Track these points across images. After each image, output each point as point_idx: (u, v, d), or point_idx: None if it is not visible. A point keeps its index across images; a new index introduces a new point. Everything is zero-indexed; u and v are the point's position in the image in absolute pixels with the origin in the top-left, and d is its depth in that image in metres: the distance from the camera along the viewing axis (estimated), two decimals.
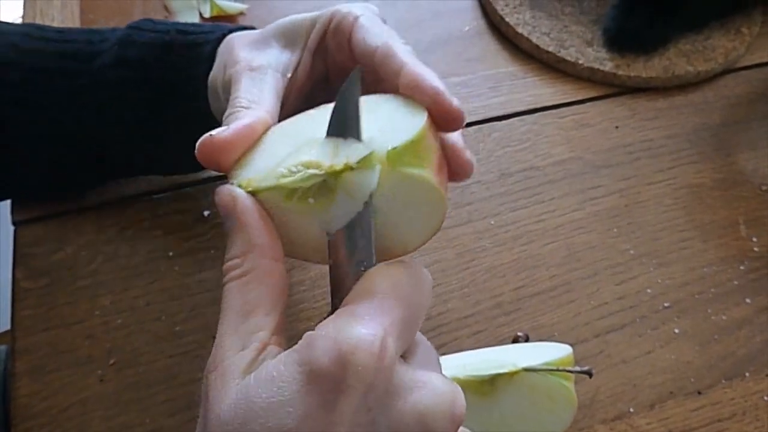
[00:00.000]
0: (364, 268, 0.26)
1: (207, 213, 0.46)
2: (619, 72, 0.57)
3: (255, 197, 0.27)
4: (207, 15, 0.58)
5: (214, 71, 0.37)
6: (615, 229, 0.48)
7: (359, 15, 0.33)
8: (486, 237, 0.47)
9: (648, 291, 0.46)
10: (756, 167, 0.53)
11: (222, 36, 0.38)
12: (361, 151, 0.26)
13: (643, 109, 0.56)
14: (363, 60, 0.32)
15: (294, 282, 0.44)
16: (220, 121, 0.30)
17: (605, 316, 0.44)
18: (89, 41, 0.40)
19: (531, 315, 0.44)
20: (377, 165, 0.26)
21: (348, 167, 0.26)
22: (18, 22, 0.58)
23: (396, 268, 0.26)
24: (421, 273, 0.27)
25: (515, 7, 0.61)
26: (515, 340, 0.42)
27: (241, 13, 0.59)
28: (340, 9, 0.34)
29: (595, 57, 0.58)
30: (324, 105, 0.29)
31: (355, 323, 0.23)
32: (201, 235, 0.45)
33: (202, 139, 0.28)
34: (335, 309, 0.26)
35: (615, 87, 0.57)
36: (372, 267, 0.26)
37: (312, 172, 0.26)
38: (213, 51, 0.37)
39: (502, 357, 0.38)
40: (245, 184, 0.27)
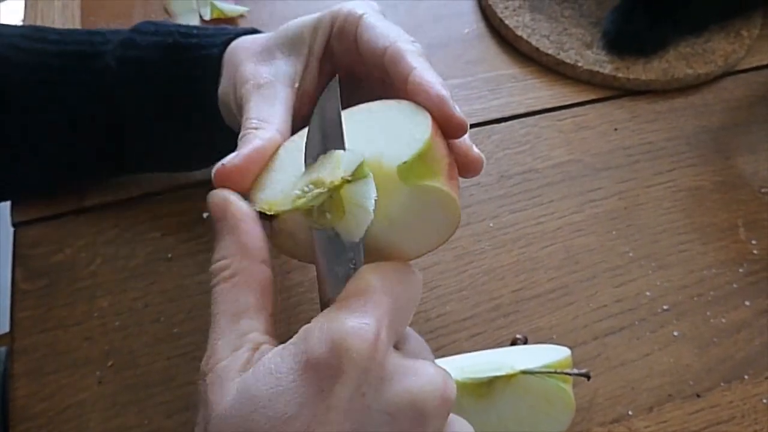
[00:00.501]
0: (353, 266, 0.27)
1: (206, 215, 0.46)
2: (619, 74, 0.57)
3: (279, 218, 0.28)
4: (207, 17, 0.58)
5: (224, 86, 0.37)
6: (614, 232, 0.48)
7: (362, 14, 0.33)
8: (485, 239, 0.47)
9: (647, 294, 0.46)
10: (755, 170, 0.53)
11: (226, 41, 0.38)
12: (353, 162, 0.26)
13: (643, 112, 0.56)
14: (372, 60, 0.32)
15: (293, 284, 0.44)
16: (237, 134, 0.31)
17: (604, 318, 0.44)
18: (91, 42, 0.41)
19: (529, 317, 0.44)
20: (369, 173, 0.26)
21: (345, 181, 0.26)
22: (19, 23, 0.59)
23: (385, 265, 0.27)
24: (409, 269, 0.28)
25: (515, 10, 0.61)
26: (513, 342, 0.42)
27: (242, 16, 0.59)
28: (341, 10, 0.34)
29: (595, 59, 0.58)
30: None
31: (349, 315, 0.24)
32: (200, 237, 0.45)
33: (215, 169, 0.29)
34: (326, 307, 0.26)
35: (614, 89, 0.57)
36: (362, 265, 0.27)
37: (318, 191, 0.27)
38: (219, 56, 0.37)
39: (500, 359, 0.38)
40: (267, 208, 0.28)
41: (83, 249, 0.44)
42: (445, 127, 0.28)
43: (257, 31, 0.40)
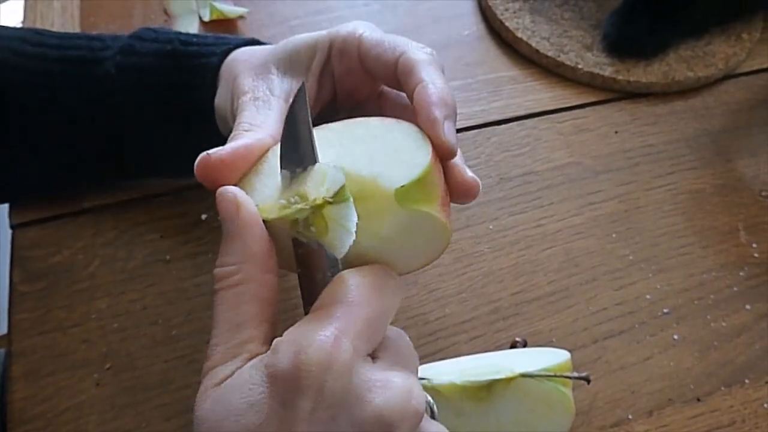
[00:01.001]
0: (331, 274, 0.27)
1: (204, 216, 0.46)
2: (619, 77, 0.57)
3: (267, 223, 0.28)
4: (206, 19, 0.58)
5: (221, 97, 0.37)
6: (614, 235, 0.48)
7: (362, 33, 0.33)
8: (484, 242, 0.47)
9: (647, 297, 0.45)
10: (756, 173, 0.53)
11: (226, 51, 0.38)
12: (335, 183, 0.27)
13: (643, 115, 0.56)
14: (384, 75, 0.32)
15: (290, 287, 0.44)
16: None
17: (604, 321, 0.44)
18: (90, 48, 0.41)
19: (529, 320, 0.44)
20: (350, 198, 0.27)
21: (326, 201, 0.26)
22: (18, 24, 0.59)
23: (358, 272, 0.27)
24: (388, 275, 0.28)
25: (515, 12, 0.61)
26: (513, 345, 0.42)
27: (241, 17, 0.59)
28: (338, 32, 0.34)
29: (595, 62, 0.57)
30: (326, 125, 0.30)
31: (315, 327, 0.25)
32: (198, 239, 0.45)
33: (199, 158, 0.29)
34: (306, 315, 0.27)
35: (615, 92, 0.57)
36: (338, 273, 0.27)
37: (300, 206, 0.27)
38: (218, 66, 0.37)
39: (499, 362, 0.38)
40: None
41: (81, 251, 0.44)
42: (436, 149, 0.29)
43: (257, 42, 0.40)
